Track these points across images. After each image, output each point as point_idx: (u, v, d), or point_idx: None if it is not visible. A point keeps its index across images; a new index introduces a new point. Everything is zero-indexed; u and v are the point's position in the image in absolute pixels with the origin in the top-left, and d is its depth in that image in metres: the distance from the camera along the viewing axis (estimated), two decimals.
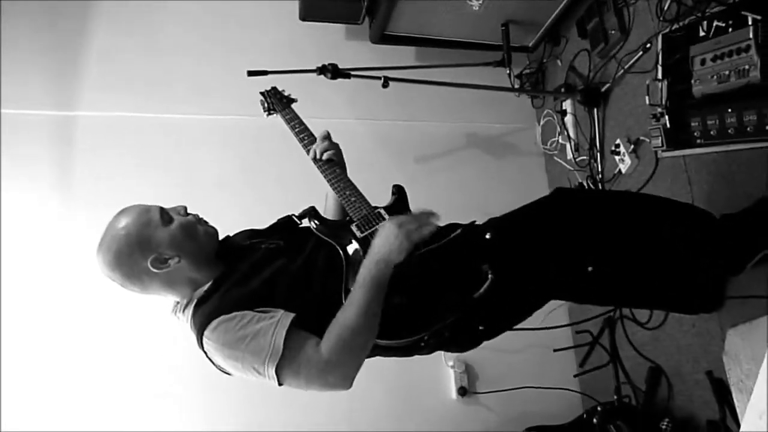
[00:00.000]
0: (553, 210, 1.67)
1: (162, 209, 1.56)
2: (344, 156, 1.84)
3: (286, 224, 1.76)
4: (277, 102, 2.02)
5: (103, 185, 2.82)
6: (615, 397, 2.48)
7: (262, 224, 1.82)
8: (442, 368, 2.93)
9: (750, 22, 1.71)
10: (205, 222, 1.63)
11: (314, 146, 1.80)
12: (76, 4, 3.06)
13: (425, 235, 1.49)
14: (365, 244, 1.55)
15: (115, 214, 1.55)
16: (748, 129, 1.74)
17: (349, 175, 1.80)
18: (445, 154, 3.30)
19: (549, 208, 1.68)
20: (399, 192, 1.73)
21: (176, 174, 2.92)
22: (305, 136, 1.87)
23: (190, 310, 1.54)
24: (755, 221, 1.82)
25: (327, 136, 1.81)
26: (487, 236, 1.63)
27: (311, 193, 1.91)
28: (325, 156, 1.77)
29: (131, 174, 2.87)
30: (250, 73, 2.51)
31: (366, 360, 1.50)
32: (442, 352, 2.80)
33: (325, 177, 1.76)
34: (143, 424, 2.64)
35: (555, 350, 2.90)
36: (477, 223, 1.72)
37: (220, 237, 1.69)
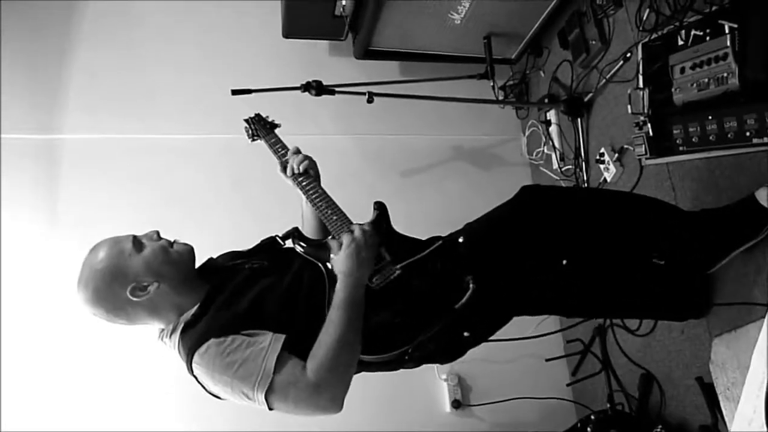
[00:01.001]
0: (521, 207, 1.70)
1: (134, 237, 1.55)
2: (331, 172, 1.85)
3: (270, 245, 1.76)
4: (260, 128, 2.01)
5: (89, 207, 2.81)
6: (608, 405, 2.48)
7: (248, 243, 1.80)
8: (436, 381, 2.92)
9: (727, 31, 1.73)
10: (178, 242, 1.61)
11: (290, 162, 1.78)
12: (57, 27, 3.06)
13: (374, 240, 1.55)
14: None
15: (88, 251, 1.54)
16: (729, 135, 1.76)
17: (333, 190, 1.79)
18: (431, 167, 3.31)
19: (517, 207, 1.71)
20: (380, 208, 1.73)
21: (161, 194, 2.91)
22: (288, 159, 1.84)
23: (177, 336, 1.52)
24: (733, 218, 1.84)
25: (298, 150, 1.82)
26: (460, 240, 1.67)
27: (297, 212, 1.91)
28: (302, 167, 1.76)
29: (116, 195, 2.87)
30: (235, 92, 2.51)
31: (360, 375, 1.51)
32: (435, 366, 2.86)
33: (306, 196, 1.75)
34: (143, 424, 2.64)
35: (547, 360, 2.90)
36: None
37: (204, 258, 1.68)
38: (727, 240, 1.82)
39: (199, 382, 1.46)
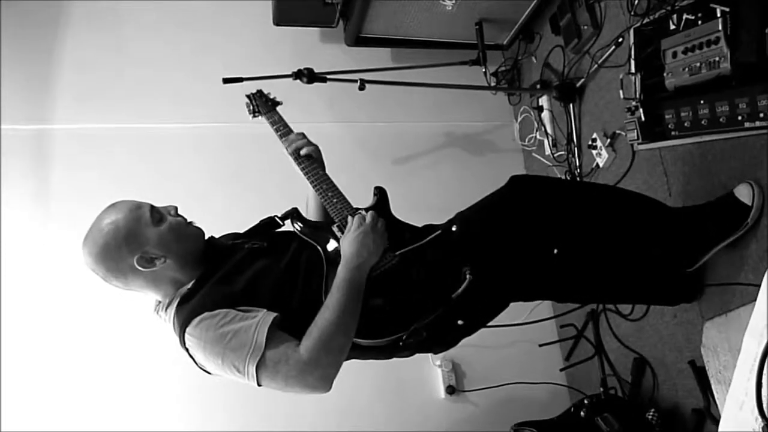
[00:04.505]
0: (510, 197, 1.70)
1: (153, 207, 1.56)
2: (324, 160, 1.85)
3: (269, 225, 1.77)
4: (262, 104, 2.03)
5: (82, 197, 2.79)
6: (601, 389, 2.49)
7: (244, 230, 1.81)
8: (430, 368, 2.93)
9: (718, 14, 1.73)
10: (193, 224, 1.64)
11: (293, 142, 1.81)
12: (46, 17, 3.03)
13: (384, 229, 1.57)
14: None
15: (105, 208, 1.54)
16: (721, 120, 1.76)
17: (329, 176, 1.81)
18: (424, 153, 3.31)
19: (506, 197, 1.71)
20: (380, 193, 1.75)
21: (155, 183, 2.90)
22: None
23: (172, 309, 1.54)
24: (714, 215, 1.87)
25: (303, 135, 1.84)
26: (453, 228, 1.67)
27: (292, 198, 1.90)
28: (303, 152, 1.78)
29: (109, 185, 2.85)
30: (226, 81, 2.50)
31: (351, 362, 1.52)
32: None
33: (307, 178, 1.77)
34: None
35: (540, 345, 2.91)
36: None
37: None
38: (708, 237, 1.85)
39: (190, 356, 1.48)
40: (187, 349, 1.47)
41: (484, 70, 3.08)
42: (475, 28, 3.02)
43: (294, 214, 1.73)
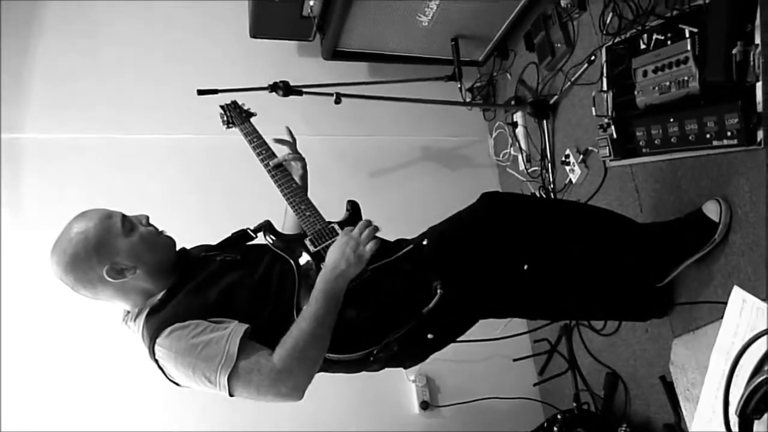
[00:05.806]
0: (481, 214, 1.72)
1: (124, 216, 1.54)
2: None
3: (241, 238, 1.76)
4: (236, 115, 2.05)
5: (52, 206, 2.74)
6: (574, 404, 2.50)
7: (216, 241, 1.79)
8: (404, 383, 2.92)
9: (687, 35, 1.76)
10: (165, 233, 1.62)
11: (268, 156, 1.84)
12: (18, 26, 2.99)
13: (375, 246, 1.54)
14: (318, 258, 1.58)
15: (74, 216, 1.51)
16: (690, 137, 1.79)
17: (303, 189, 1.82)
18: (399, 168, 3.31)
19: (477, 213, 1.73)
20: (353, 207, 1.76)
21: (126, 194, 2.85)
22: (263, 150, 1.89)
23: (141, 319, 1.52)
24: (682, 231, 1.90)
25: (294, 144, 1.90)
26: (424, 242, 1.68)
27: (264, 211, 1.89)
28: (290, 157, 1.82)
29: (80, 193, 2.81)
30: (201, 92, 2.49)
31: (323, 377, 1.51)
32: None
33: (281, 191, 1.78)
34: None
35: (514, 360, 2.93)
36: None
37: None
38: (676, 253, 1.88)
39: (159, 367, 1.46)
40: (156, 361, 1.45)
41: (459, 85, 3.11)
42: (450, 44, 3.04)
43: (267, 227, 1.72)
